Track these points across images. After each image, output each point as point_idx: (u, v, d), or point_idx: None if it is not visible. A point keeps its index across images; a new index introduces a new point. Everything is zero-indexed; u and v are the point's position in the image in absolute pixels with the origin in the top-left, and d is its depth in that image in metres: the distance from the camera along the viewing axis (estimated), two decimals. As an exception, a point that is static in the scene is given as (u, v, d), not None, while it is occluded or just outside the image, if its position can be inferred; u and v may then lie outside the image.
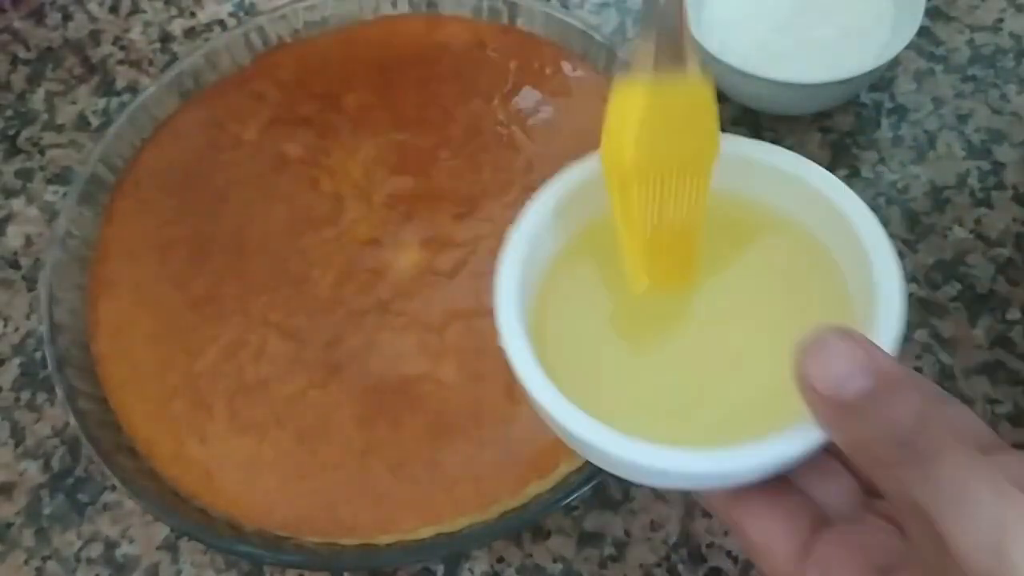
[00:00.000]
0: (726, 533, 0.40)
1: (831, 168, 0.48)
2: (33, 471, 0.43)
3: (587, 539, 0.40)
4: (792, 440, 0.23)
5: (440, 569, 0.40)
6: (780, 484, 0.26)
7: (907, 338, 0.44)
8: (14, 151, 0.53)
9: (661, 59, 0.26)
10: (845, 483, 0.26)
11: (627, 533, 0.40)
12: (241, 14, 0.57)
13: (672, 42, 0.26)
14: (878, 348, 0.22)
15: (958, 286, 0.45)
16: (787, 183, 0.27)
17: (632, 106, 0.26)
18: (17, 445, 0.44)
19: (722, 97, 0.51)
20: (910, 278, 0.45)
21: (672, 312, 0.28)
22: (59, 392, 0.40)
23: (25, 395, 0.45)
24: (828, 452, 0.24)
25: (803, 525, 0.25)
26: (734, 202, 0.28)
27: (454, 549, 0.38)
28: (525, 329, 0.25)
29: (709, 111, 0.26)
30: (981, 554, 0.21)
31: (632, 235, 0.27)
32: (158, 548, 0.41)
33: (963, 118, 0.50)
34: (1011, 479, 0.22)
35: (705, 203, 0.27)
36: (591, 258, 0.28)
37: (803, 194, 0.27)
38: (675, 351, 0.27)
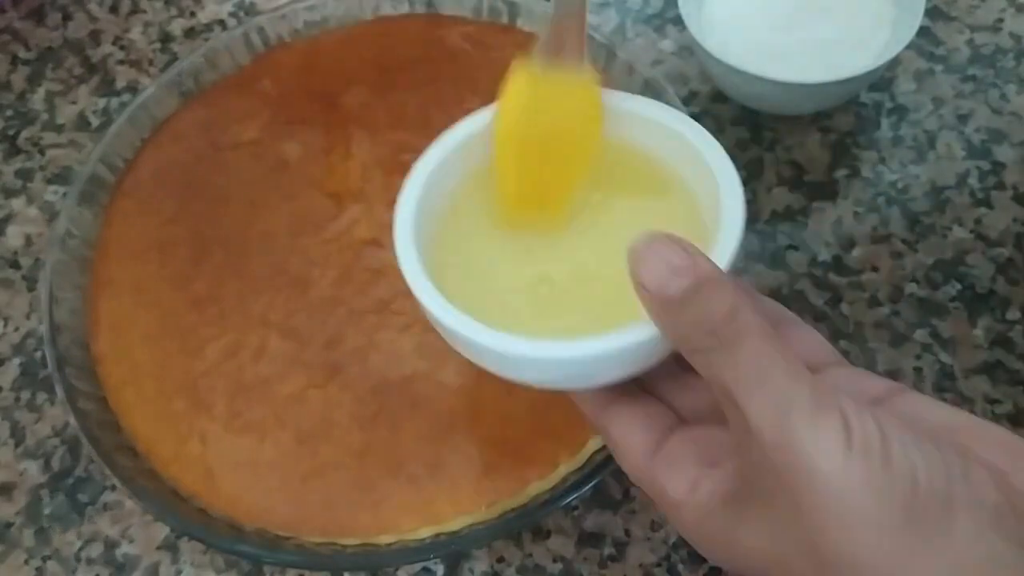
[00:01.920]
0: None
1: (831, 168, 0.49)
2: (33, 471, 0.43)
3: (587, 539, 0.40)
4: (630, 333, 0.26)
5: (440, 569, 0.40)
6: (641, 393, 0.30)
7: (907, 338, 0.44)
8: (14, 151, 0.53)
9: (556, 52, 0.32)
10: (702, 394, 0.30)
11: (627, 533, 0.40)
12: (241, 14, 0.58)
13: (570, 38, 0.32)
14: (699, 252, 0.25)
15: (958, 286, 0.45)
16: (655, 129, 0.32)
17: (521, 92, 0.32)
18: (17, 445, 0.44)
19: (722, 97, 0.51)
20: (910, 278, 0.45)
21: (549, 238, 0.32)
22: (59, 392, 0.40)
23: (25, 395, 0.45)
24: (689, 369, 0.27)
25: (659, 426, 0.29)
26: (613, 147, 0.32)
27: (454, 549, 0.38)
28: (418, 244, 0.30)
29: (590, 102, 0.32)
30: (772, 428, 0.23)
31: (506, 188, 0.32)
32: (158, 548, 0.41)
33: (963, 118, 0.50)
34: (836, 383, 0.26)
35: (583, 170, 0.32)
36: (484, 195, 0.33)
37: (667, 137, 0.32)
38: (549, 266, 0.31)
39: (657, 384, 0.30)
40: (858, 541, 0.23)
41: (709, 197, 0.30)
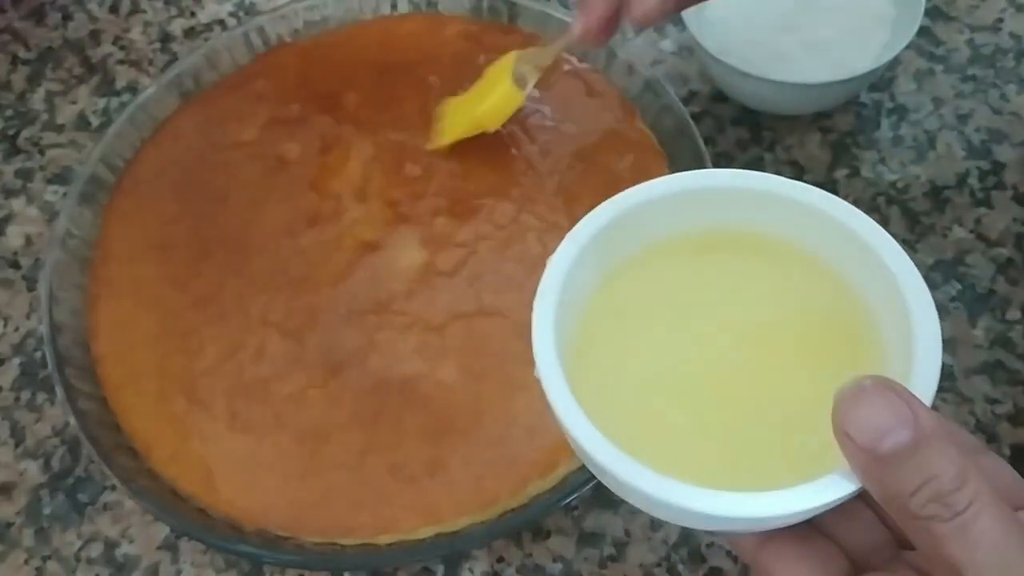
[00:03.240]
0: (726, 533, 0.40)
1: (831, 168, 0.49)
2: (33, 471, 0.43)
3: (587, 539, 0.40)
4: (826, 488, 0.23)
5: (440, 569, 0.40)
6: (811, 530, 0.26)
7: (907, 338, 0.44)
8: (14, 151, 0.53)
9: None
10: (878, 533, 0.26)
11: (627, 533, 0.40)
12: (241, 14, 0.58)
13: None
14: (918, 401, 0.22)
15: (958, 286, 0.45)
16: (827, 226, 0.28)
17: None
18: (17, 445, 0.44)
19: (722, 97, 0.51)
20: (910, 278, 0.45)
21: (713, 355, 0.28)
22: (59, 392, 0.40)
23: (25, 395, 0.45)
24: (861, 501, 0.24)
25: (834, 574, 0.25)
26: (770, 242, 0.29)
27: (454, 549, 0.38)
28: (561, 363, 0.25)
29: (497, 79, 0.44)
30: None
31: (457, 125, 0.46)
32: (158, 548, 0.41)
33: (963, 118, 0.50)
34: None
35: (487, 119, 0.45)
36: (628, 294, 0.29)
37: (840, 239, 0.28)
38: (712, 393, 0.27)
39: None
40: None
41: (892, 314, 0.26)
